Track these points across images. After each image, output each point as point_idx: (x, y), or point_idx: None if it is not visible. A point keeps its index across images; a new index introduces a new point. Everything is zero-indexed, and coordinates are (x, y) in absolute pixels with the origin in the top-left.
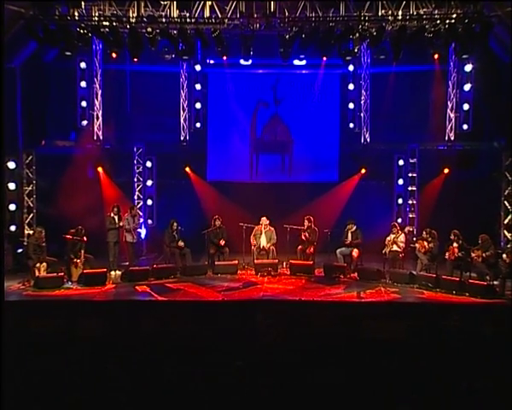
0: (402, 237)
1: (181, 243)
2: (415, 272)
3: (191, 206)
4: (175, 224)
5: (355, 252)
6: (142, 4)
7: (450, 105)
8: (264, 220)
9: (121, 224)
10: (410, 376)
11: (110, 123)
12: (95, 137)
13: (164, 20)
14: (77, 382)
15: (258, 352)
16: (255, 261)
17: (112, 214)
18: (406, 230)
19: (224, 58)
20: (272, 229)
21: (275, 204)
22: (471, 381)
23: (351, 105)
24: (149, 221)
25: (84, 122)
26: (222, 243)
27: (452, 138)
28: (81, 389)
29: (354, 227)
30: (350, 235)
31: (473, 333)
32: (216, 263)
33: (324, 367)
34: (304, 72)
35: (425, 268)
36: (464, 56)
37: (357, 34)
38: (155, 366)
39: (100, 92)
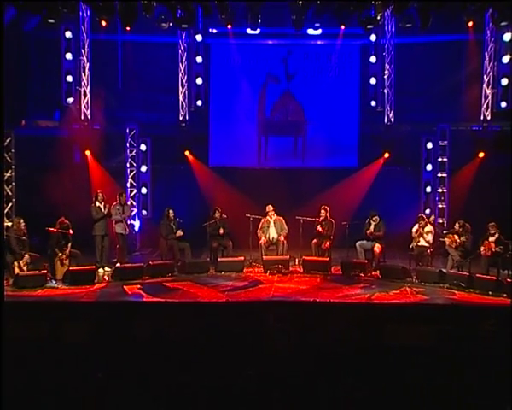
0: (429, 230)
1: (180, 233)
2: (445, 270)
3: (191, 195)
4: (171, 212)
5: (377, 247)
6: None
7: (486, 80)
8: (269, 208)
9: (106, 211)
10: (439, 387)
11: (99, 100)
12: (82, 117)
13: None
14: (62, 393)
15: (268, 361)
16: (264, 257)
17: (97, 203)
18: (431, 219)
19: (229, 27)
20: (281, 218)
21: (286, 193)
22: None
23: (372, 80)
24: (144, 212)
25: (70, 99)
26: (221, 231)
27: (488, 118)
28: (67, 402)
29: (378, 218)
30: (373, 227)
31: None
32: (219, 259)
33: (343, 378)
34: (319, 42)
35: (457, 265)
36: (503, 24)
37: None
38: (150, 376)
39: (88, 66)
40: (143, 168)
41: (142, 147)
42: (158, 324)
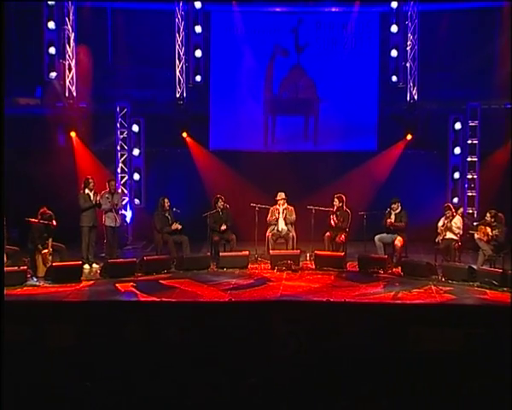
0: (457, 221)
1: (176, 226)
2: (475, 267)
3: (189, 182)
4: (166, 202)
5: (398, 240)
6: None
7: None
8: (281, 195)
9: (97, 200)
10: (468, 397)
11: (86, 75)
12: (66, 94)
13: None
14: (45, 403)
15: (275, 368)
16: (271, 252)
17: (86, 191)
18: (460, 211)
19: None
20: (291, 207)
21: (296, 179)
22: None
23: (393, 53)
24: (136, 201)
25: (53, 74)
26: (223, 227)
27: None
28: None
29: (400, 208)
30: (393, 216)
31: None
32: (221, 254)
33: (360, 388)
34: (333, 10)
35: (488, 261)
36: None
37: None
38: (143, 383)
39: (73, 36)
40: (136, 152)
41: (135, 128)
42: (152, 326)
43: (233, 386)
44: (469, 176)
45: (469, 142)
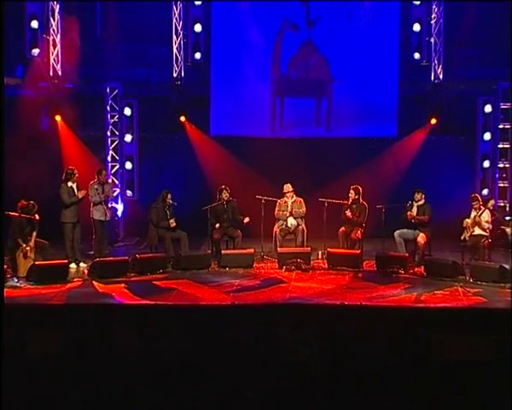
0: (486, 215)
1: (173, 222)
2: (507, 266)
3: (188, 171)
4: (169, 197)
5: (421, 237)
6: None
7: None
8: (288, 188)
9: (80, 196)
10: None
11: (73, 52)
12: (51, 73)
13: None
14: None
15: (283, 379)
16: (278, 250)
17: (69, 183)
18: (490, 205)
19: None
20: (300, 199)
21: (306, 169)
22: None
23: (416, 27)
24: (128, 192)
25: (36, 51)
26: (217, 226)
27: None
28: None
29: (423, 199)
30: (416, 209)
31: None
32: (223, 252)
33: (379, 401)
34: None
35: None
36: None
37: None
38: (135, 396)
39: (58, 9)
40: (128, 138)
41: (127, 111)
42: (146, 332)
43: (235, 398)
44: (501, 165)
45: (501, 126)
